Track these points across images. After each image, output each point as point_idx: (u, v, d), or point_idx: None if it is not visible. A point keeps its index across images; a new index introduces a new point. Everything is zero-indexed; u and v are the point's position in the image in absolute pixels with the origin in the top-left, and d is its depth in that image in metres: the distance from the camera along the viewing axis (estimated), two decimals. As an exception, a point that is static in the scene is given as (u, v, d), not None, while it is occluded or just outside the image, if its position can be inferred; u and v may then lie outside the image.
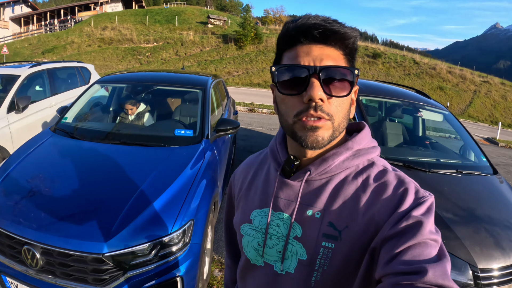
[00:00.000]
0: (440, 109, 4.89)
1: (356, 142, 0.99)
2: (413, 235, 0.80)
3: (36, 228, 2.53)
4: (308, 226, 0.95)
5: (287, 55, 0.93)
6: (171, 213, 2.72)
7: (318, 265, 0.93)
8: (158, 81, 5.13)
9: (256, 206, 1.09)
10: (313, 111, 0.87)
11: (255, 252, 1.06)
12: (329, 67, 0.87)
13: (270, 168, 1.11)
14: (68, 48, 36.03)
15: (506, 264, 2.81)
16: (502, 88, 38.98)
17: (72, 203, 2.77)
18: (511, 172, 10.79)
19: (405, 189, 0.90)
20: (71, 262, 2.45)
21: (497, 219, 3.18)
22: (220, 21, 42.75)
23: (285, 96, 0.92)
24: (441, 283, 0.72)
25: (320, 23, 0.87)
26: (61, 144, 3.68)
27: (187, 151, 3.55)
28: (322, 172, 0.97)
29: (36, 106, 6.60)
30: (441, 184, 3.45)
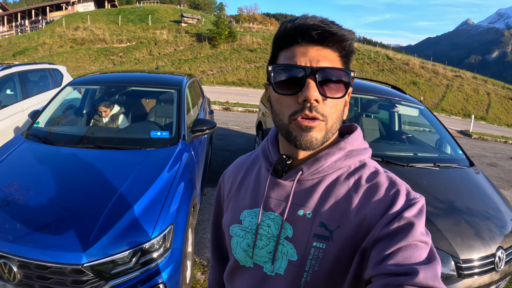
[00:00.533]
0: (415, 104, 4.96)
1: (348, 143, 0.99)
2: (404, 237, 0.80)
3: (11, 240, 2.42)
4: (299, 226, 0.95)
5: (283, 55, 0.93)
6: (151, 218, 2.66)
7: (309, 266, 0.92)
8: (132, 82, 5.03)
9: (247, 206, 1.08)
10: (308, 111, 0.87)
11: (244, 253, 1.05)
12: (325, 68, 0.88)
13: (261, 168, 1.11)
14: (40, 50, 35.25)
15: (487, 254, 2.88)
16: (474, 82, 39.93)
17: (48, 212, 2.66)
18: (485, 163, 11.10)
19: (397, 190, 0.90)
20: (50, 274, 2.36)
21: (476, 210, 3.26)
22: (193, 19, 42.52)
23: (281, 95, 0.92)
24: (432, 285, 0.72)
25: (319, 24, 0.87)
26: (34, 150, 3.56)
27: (164, 153, 3.49)
28: (314, 172, 0.97)
29: (7, 110, 6.41)
30: (419, 178, 3.50)
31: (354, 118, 4.84)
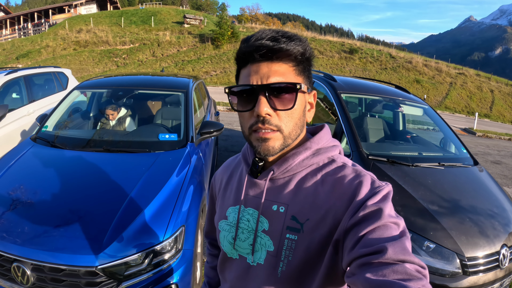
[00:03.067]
0: (419, 103, 4.98)
1: (314, 142, 1.08)
2: (372, 221, 0.87)
3: (24, 244, 2.46)
4: (274, 220, 1.04)
5: (242, 73, 1.04)
6: (162, 221, 2.70)
7: (284, 256, 1.01)
8: (139, 85, 5.08)
9: (231, 203, 1.19)
10: (261, 124, 0.97)
11: (230, 246, 1.15)
12: (272, 84, 0.96)
13: (243, 169, 1.20)
14: (43, 52, 35.35)
15: (492, 252, 2.92)
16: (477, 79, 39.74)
17: (60, 216, 2.70)
18: (489, 161, 11.03)
19: (360, 181, 0.97)
20: (63, 277, 2.40)
21: (481, 209, 3.29)
22: (196, 20, 42.53)
23: (240, 112, 1.03)
24: (402, 258, 0.77)
25: (264, 44, 0.96)
26: (43, 154, 3.59)
27: (173, 156, 3.52)
28: (284, 170, 1.06)
29: (13, 114, 6.43)
30: (425, 177, 3.51)
31: (358, 118, 4.84)
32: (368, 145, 4.11)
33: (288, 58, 0.99)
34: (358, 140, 3.85)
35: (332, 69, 35.69)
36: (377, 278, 0.75)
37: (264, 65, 0.98)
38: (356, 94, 4.88)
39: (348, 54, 38.36)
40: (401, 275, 0.74)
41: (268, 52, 0.96)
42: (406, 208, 3.08)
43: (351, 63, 37.25)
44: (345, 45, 40.04)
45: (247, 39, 1.02)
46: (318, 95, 5.40)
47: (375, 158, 3.65)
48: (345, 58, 37.83)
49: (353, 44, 40.92)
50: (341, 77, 5.19)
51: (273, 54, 0.97)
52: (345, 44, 40.67)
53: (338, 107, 4.30)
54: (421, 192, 3.26)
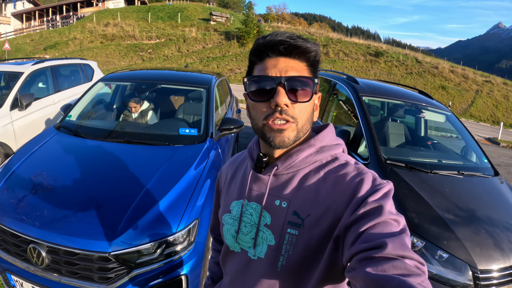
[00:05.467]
0: (442, 110, 4.92)
1: (318, 140, 1.11)
2: (373, 218, 0.89)
3: (41, 227, 2.54)
4: (276, 215, 1.07)
5: (257, 67, 1.07)
6: (177, 212, 2.74)
7: (284, 250, 1.04)
8: (162, 79, 5.13)
9: (235, 197, 1.22)
10: (279, 114, 1.00)
11: (232, 239, 1.18)
12: (292, 77, 1.01)
13: (248, 164, 1.24)
14: (70, 44, 35.97)
15: (506, 265, 2.85)
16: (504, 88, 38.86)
17: (79, 202, 2.77)
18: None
19: (362, 178, 0.99)
20: (77, 260, 2.47)
21: (497, 221, 3.22)
22: (222, 18, 42.66)
23: (256, 102, 1.05)
24: (402, 253, 0.79)
25: (285, 40, 1.01)
26: (65, 142, 3.69)
27: (191, 150, 3.56)
28: (287, 166, 1.09)
29: (39, 103, 6.62)
30: (442, 185, 3.47)
31: (380, 122, 4.82)
32: (387, 150, 4.09)
33: (304, 56, 1.04)
34: (377, 144, 3.83)
35: (357, 72, 35.40)
36: (377, 272, 0.76)
37: (282, 60, 1.02)
38: (378, 98, 4.84)
39: (373, 57, 37.96)
40: (400, 270, 0.76)
41: (289, 47, 1.01)
42: (421, 215, 3.04)
43: (376, 66, 36.86)
44: (370, 48, 39.62)
45: (263, 37, 1.06)
46: (340, 97, 5.38)
47: (393, 163, 3.63)
48: (370, 61, 37.45)
49: (378, 47, 40.45)
50: (364, 80, 5.16)
51: (294, 50, 1.02)
52: (370, 46, 40.24)
53: (359, 110, 4.28)
54: (437, 200, 3.22)
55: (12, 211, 2.71)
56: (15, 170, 3.18)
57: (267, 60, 1.04)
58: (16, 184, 3.02)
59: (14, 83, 6.18)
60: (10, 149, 5.73)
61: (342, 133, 4.05)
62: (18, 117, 6.00)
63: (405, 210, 3.05)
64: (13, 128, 5.84)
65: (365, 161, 3.75)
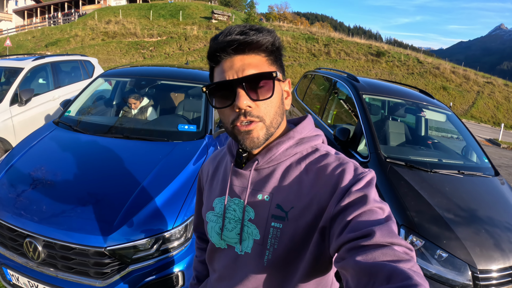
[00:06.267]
0: (443, 109, 4.91)
1: (297, 131, 1.10)
2: (358, 206, 0.89)
3: (38, 221, 2.53)
4: (259, 209, 1.06)
5: (216, 71, 1.05)
6: (173, 208, 2.73)
7: (269, 244, 1.03)
8: (162, 76, 5.13)
9: (217, 194, 1.21)
10: (243, 117, 0.99)
11: (218, 236, 1.17)
12: (248, 76, 0.98)
13: (228, 160, 1.22)
14: (72, 41, 36.03)
15: (505, 266, 2.84)
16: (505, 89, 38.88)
17: (75, 197, 2.77)
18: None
19: (344, 169, 0.99)
20: (73, 255, 2.46)
21: (498, 221, 3.21)
22: (224, 16, 42.71)
23: (220, 109, 1.04)
24: (390, 240, 0.79)
25: (235, 38, 0.98)
26: (64, 137, 3.68)
27: (190, 146, 3.56)
28: (268, 160, 1.08)
29: (39, 99, 6.63)
30: (442, 184, 3.46)
31: (380, 121, 4.81)
32: (387, 148, 4.07)
33: (259, 49, 1.01)
34: (377, 142, 3.82)
35: (358, 71, 35.41)
36: (367, 260, 0.76)
37: (237, 59, 1.00)
38: (378, 96, 4.83)
39: (375, 57, 37.98)
40: (390, 257, 0.76)
41: (240, 46, 0.98)
42: (421, 214, 3.03)
43: (377, 66, 36.87)
44: (372, 48, 39.64)
45: (215, 37, 1.04)
46: (341, 95, 5.37)
47: (393, 162, 3.61)
48: (371, 61, 37.46)
49: (380, 47, 40.47)
50: (364, 78, 5.15)
51: (245, 47, 0.99)
52: (372, 46, 40.27)
53: (359, 108, 4.27)
54: (437, 199, 3.20)
55: (9, 205, 2.71)
56: (13, 164, 3.18)
57: (223, 62, 1.02)
58: (13, 178, 3.01)
59: (14, 79, 6.20)
60: (9, 144, 5.73)
61: (342, 131, 4.04)
62: (17, 112, 6.02)
63: (405, 209, 3.03)
64: (12, 124, 5.85)
65: (364, 159, 3.74)
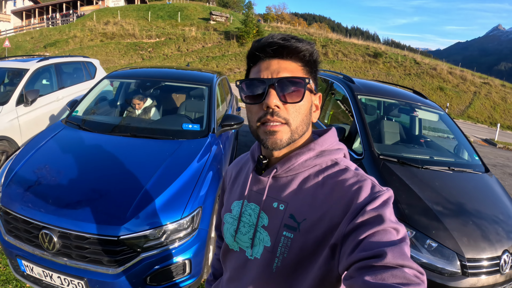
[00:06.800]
0: (435, 109, 5.06)
1: (318, 144, 1.10)
2: (372, 226, 0.88)
3: (54, 213, 2.70)
4: (273, 217, 1.08)
5: (252, 70, 1.09)
6: (181, 201, 2.92)
7: (279, 252, 1.04)
8: (166, 77, 5.33)
9: (236, 198, 1.24)
10: (270, 116, 1.01)
11: (231, 238, 1.20)
12: (283, 78, 1.01)
13: (250, 166, 1.24)
14: (70, 42, 36.04)
15: (493, 255, 2.98)
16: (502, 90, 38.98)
17: (88, 190, 2.94)
18: (507, 173, 10.92)
19: (360, 186, 0.98)
20: (87, 244, 2.63)
21: (485, 214, 3.35)
22: (222, 17, 42.74)
23: (249, 105, 1.07)
24: (401, 263, 0.79)
25: (276, 41, 1.03)
26: (74, 135, 3.85)
27: (194, 144, 3.74)
28: (286, 169, 1.09)
29: (43, 99, 6.77)
30: (433, 180, 3.61)
31: (375, 121, 4.96)
32: (381, 146, 4.23)
33: (297, 56, 1.04)
34: (370, 140, 3.98)
35: (356, 72, 35.48)
36: (375, 281, 0.76)
37: (274, 61, 1.04)
38: (373, 96, 4.99)
39: (372, 57, 38.05)
40: (399, 279, 0.76)
41: (279, 48, 1.02)
42: (412, 207, 3.18)
43: (374, 67, 36.96)
44: (369, 49, 39.72)
45: (258, 40, 1.08)
46: (337, 96, 5.54)
47: (386, 158, 3.78)
48: (369, 62, 37.54)
49: (377, 48, 40.54)
50: (360, 80, 5.31)
51: (284, 51, 1.03)
52: (369, 47, 40.34)
53: (354, 107, 4.43)
54: (427, 193, 3.36)
55: (25, 199, 2.86)
56: (26, 161, 3.33)
57: (261, 62, 1.05)
58: (27, 174, 3.17)
59: (19, 80, 6.31)
60: (15, 144, 5.86)
61: (338, 130, 4.18)
62: (23, 112, 6.14)
63: (396, 202, 3.19)
64: (18, 123, 5.98)
65: (359, 157, 3.90)
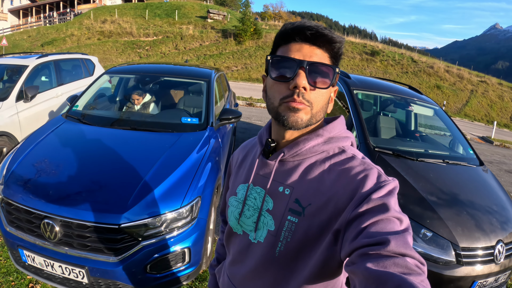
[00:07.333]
0: (430, 104, 5.13)
1: (326, 130, 1.11)
2: (376, 214, 0.89)
3: (55, 202, 2.75)
4: (279, 201, 1.09)
5: (281, 49, 1.07)
6: (181, 190, 2.98)
7: (283, 237, 1.05)
8: (165, 73, 5.39)
9: (242, 181, 1.26)
10: (296, 96, 1.01)
11: (235, 221, 1.22)
12: (315, 63, 1.02)
13: (258, 149, 1.25)
14: (68, 41, 35.97)
15: (487, 245, 3.04)
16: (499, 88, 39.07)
17: (90, 180, 3.00)
18: (503, 170, 11.01)
19: (366, 174, 1.00)
20: (88, 233, 2.68)
21: (479, 205, 3.41)
22: (219, 16, 42.67)
23: (275, 82, 1.06)
24: (404, 252, 0.79)
25: (313, 26, 1.02)
26: (74, 129, 3.91)
27: (193, 137, 3.80)
28: (294, 154, 1.10)
29: (43, 95, 6.81)
30: (427, 171, 3.68)
31: (372, 117, 5.02)
32: (378, 140, 4.30)
33: (329, 47, 1.04)
34: (366, 132, 4.05)
35: (353, 70, 35.50)
36: (377, 268, 0.77)
37: (306, 46, 1.03)
38: (368, 91, 5.07)
39: (369, 56, 38.09)
40: (401, 268, 0.76)
41: (316, 34, 1.02)
42: (406, 197, 3.25)
43: (372, 65, 37.02)
44: (367, 47, 39.76)
45: (292, 23, 1.06)
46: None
47: (381, 150, 3.85)
48: (366, 60, 37.58)
49: (375, 46, 40.58)
50: (355, 75, 5.38)
51: (319, 38, 1.02)
52: (367, 45, 40.38)
53: (350, 101, 4.50)
54: (421, 184, 3.42)
55: (26, 190, 2.92)
56: (27, 153, 3.37)
57: (292, 44, 1.04)
58: (29, 166, 3.22)
59: (19, 76, 6.35)
60: (15, 139, 5.91)
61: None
62: (23, 108, 6.18)
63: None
64: (18, 119, 6.02)
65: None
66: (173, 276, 2.93)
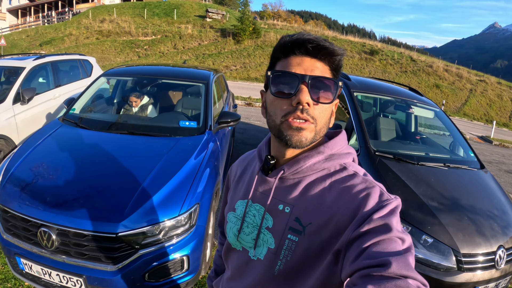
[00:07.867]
0: (431, 106, 5.09)
1: (328, 147, 1.08)
2: (377, 234, 0.87)
3: (52, 210, 2.71)
4: (278, 219, 1.07)
5: (280, 63, 1.05)
6: (179, 197, 2.94)
7: (283, 255, 1.03)
8: (163, 75, 5.34)
9: (240, 197, 1.23)
10: (300, 113, 0.98)
11: (234, 238, 1.19)
12: (317, 77, 0.99)
13: (256, 165, 1.23)
14: (66, 40, 35.89)
15: (488, 251, 3.00)
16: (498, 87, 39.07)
17: (86, 187, 2.96)
18: (502, 170, 10.97)
19: (368, 193, 0.97)
20: (85, 241, 2.64)
21: (480, 209, 3.37)
22: (218, 15, 42.62)
23: (276, 98, 1.03)
24: (405, 273, 0.77)
25: (314, 39, 1.00)
26: (71, 133, 3.86)
27: (192, 141, 3.76)
28: (294, 172, 1.07)
29: (40, 97, 6.76)
30: (428, 176, 3.64)
31: (372, 118, 4.99)
32: (378, 143, 4.26)
33: (330, 59, 1.02)
34: (366, 136, 4.01)
35: (352, 70, 35.48)
36: None
37: (307, 59, 1.01)
38: (369, 93, 5.03)
39: (368, 55, 38.06)
40: None
41: (317, 46, 0.99)
42: (407, 202, 3.20)
43: (371, 65, 36.98)
44: (366, 46, 39.72)
45: (290, 35, 1.04)
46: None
47: (382, 155, 3.81)
48: (365, 59, 37.54)
49: (374, 45, 40.54)
50: (356, 77, 5.34)
51: (321, 51, 1.00)
52: (366, 45, 40.34)
53: (350, 104, 4.46)
54: (422, 189, 3.39)
55: (23, 197, 2.87)
56: (23, 159, 3.33)
57: (292, 57, 1.02)
58: (25, 172, 3.18)
59: (15, 78, 6.30)
60: (12, 142, 5.86)
61: (334, 127, 4.20)
62: (20, 111, 6.13)
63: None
64: (15, 122, 5.98)
65: (355, 153, 3.90)
66: (172, 284, 2.90)
